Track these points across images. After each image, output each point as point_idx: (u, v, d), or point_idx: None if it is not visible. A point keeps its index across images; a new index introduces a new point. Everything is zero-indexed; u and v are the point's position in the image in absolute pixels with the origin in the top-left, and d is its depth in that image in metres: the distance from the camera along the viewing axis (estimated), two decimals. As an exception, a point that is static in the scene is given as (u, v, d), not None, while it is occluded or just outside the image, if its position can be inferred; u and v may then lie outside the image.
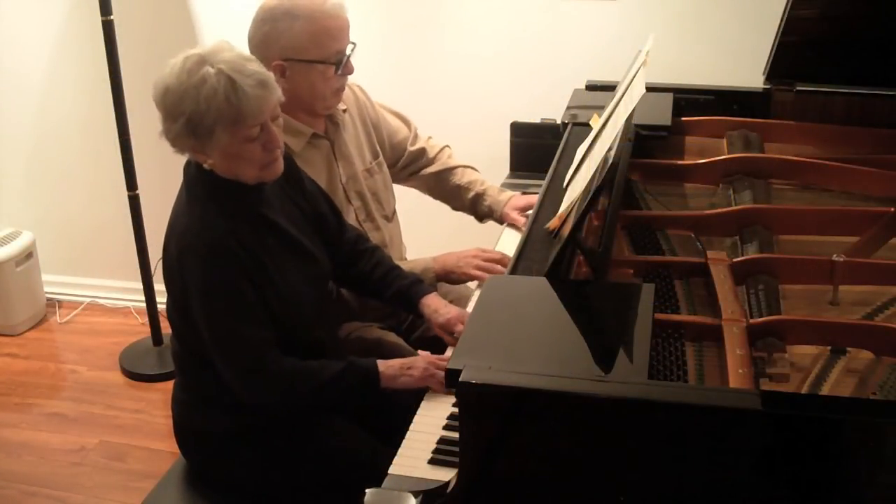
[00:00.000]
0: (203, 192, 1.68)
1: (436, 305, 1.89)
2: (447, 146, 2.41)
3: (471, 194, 2.32)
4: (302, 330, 1.76)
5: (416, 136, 2.36)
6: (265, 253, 1.69)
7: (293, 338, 1.73)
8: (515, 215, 2.23)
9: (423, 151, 2.35)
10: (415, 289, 1.92)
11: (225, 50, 1.63)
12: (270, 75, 1.65)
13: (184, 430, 1.86)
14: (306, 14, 1.93)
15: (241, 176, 1.67)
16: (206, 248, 1.63)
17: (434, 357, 1.77)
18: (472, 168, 2.38)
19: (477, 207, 2.32)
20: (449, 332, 1.85)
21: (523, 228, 2.06)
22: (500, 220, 2.29)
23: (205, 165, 1.66)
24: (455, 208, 2.39)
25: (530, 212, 2.19)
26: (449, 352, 1.82)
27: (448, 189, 2.35)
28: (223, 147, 1.62)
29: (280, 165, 1.71)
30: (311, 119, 2.05)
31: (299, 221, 1.82)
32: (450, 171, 2.35)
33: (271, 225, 1.74)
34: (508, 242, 2.19)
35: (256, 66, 1.63)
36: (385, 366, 1.74)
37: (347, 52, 2.00)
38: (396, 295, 1.93)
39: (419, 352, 1.82)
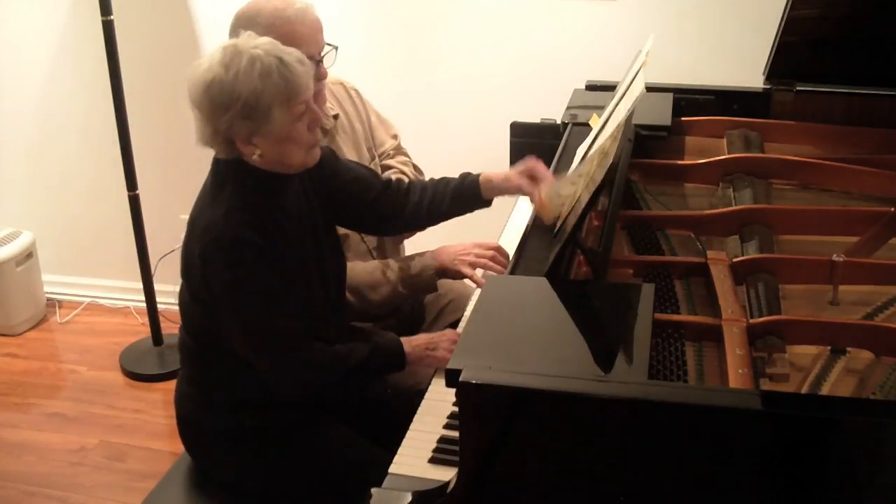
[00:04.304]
0: (230, 188, 1.67)
1: (496, 178, 1.89)
2: (411, 162, 2.38)
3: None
4: (314, 327, 1.75)
5: (396, 150, 2.35)
6: (288, 249, 1.69)
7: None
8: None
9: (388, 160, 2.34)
10: (466, 183, 1.91)
11: (255, 37, 1.65)
12: (302, 54, 1.67)
13: (186, 424, 1.86)
14: (267, 21, 1.91)
15: (289, 161, 1.67)
16: (230, 244, 1.62)
17: (454, 333, 1.80)
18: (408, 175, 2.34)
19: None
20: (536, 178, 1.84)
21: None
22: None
23: (253, 158, 1.65)
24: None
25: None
26: None
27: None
28: (277, 129, 1.61)
29: (318, 150, 1.73)
30: None
31: (319, 221, 1.82)
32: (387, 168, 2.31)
33: (294, 222, 1.73)
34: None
35: (288, 47, 1.66)
36: (410, 346, 1.76)
37: (320, 55, 1.97)
38: (454, 200, 1.92)
39: (446, 330, 1.83)
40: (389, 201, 1.93)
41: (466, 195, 1.92)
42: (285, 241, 1.69)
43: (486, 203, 1.93)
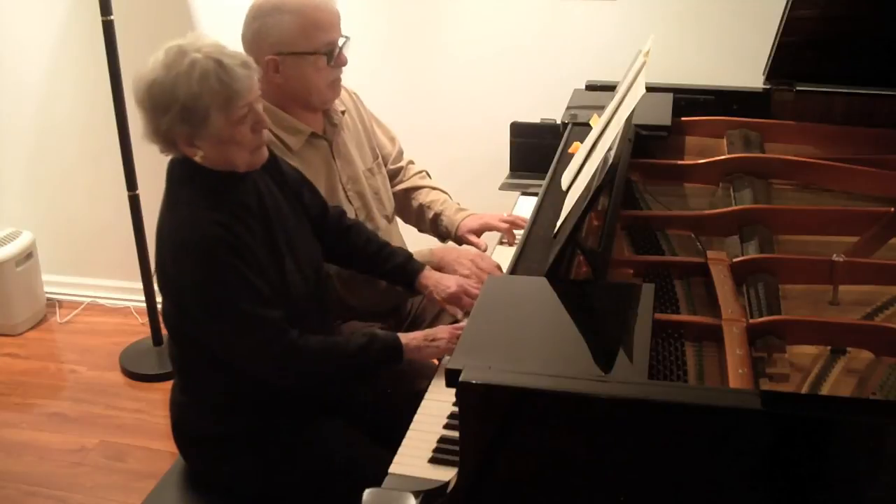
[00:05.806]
0: (187, 190, 1.68)
1: (434, 280, 1.95)
2: (424, 170, 2.41)
3: (431, 214, 2.31)
4: (295, 320, 1.75)
5: (399, 155, 2.37)
6: (255, 242, 1.69)
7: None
8: (473, 238, 2.22)
9: (400, 170, 2.37)
10: (410, 266, 1.98)
11: (201, 38, 1.66)
12: (248, 57, 1.68)
13: (182, 432, 1.86)
14: (295, 7, 1.94)
15: (234, 162, 1.68)
16: (198, 241, 1.62)
17: (453, 326, 1.82)
18: (440, 189, 2.37)
19: (437, 228, 2.32)
20: (457, 305, 1.92)
21: (480, 250, 2.15)
22: (459, 242, 2.27)
23: (196, 159, 1.66)
24: (421, 230, 2.39)
25: (487, 233, 2.24)
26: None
27: (413, 209, 2.35)
28: (217, 132, 1.63)
29: (266, 150, 1.74)
30: (309, 117, 2.05)
31: (284, 209, 1.82)
32: (417, 189, 2.35)
33: (258, 215, 1.73)
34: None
35: (234, 50, 1.67)
36: (408, 338, 1.77)
37: (339, 43, 2.00)
38: (394, 271, 1.98)
39: (441, 326, 1.85)
40: (329, 229, 1.96)
41: (402, 277, 1.99)
42: (250, 235, 1.69)
43: (418, 291, 2.00)
